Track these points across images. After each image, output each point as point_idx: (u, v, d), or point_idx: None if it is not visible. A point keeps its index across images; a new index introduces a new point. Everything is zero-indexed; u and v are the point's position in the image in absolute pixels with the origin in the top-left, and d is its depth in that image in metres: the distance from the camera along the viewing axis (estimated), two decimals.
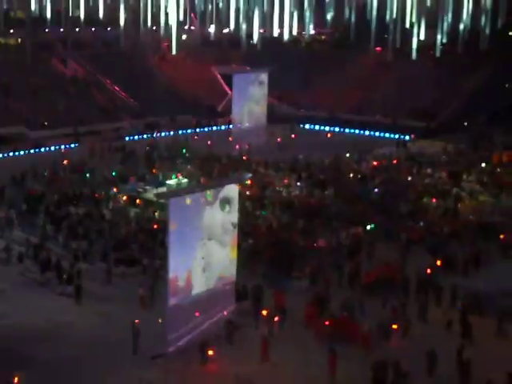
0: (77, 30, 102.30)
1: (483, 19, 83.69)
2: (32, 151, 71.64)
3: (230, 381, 32.13)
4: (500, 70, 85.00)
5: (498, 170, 65.35)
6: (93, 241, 47.20)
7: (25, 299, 40.04)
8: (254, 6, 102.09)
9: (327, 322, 36.14)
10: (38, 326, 36.85)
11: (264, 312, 37.07)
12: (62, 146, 73.04)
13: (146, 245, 46.19)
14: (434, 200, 56.45)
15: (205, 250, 35.23)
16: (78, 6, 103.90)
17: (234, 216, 36.35)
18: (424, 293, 40.09)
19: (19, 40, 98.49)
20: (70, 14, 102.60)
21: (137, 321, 34.65)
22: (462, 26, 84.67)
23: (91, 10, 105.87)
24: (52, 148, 72.88)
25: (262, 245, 46.08)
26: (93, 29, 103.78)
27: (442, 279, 41.61)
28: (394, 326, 36.18)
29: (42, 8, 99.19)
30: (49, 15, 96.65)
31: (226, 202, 35.50)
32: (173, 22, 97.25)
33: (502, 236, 48.50)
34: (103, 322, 37.47)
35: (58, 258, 43.66)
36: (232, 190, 36.33)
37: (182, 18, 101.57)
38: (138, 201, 54.89)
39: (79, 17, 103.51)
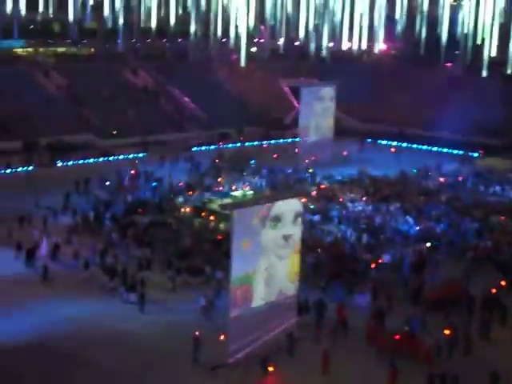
0: (148, 40, 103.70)
1: None
2: (101, 159, 72.40)
3: None
4: None
5: None
6: (157, 249, 47.79)
7: (91, 305, 40.62)
8: (324, 18, 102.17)
9: (390, 337, 36.07)
10: (102, 332, 37.35)
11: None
12: (131, 155, 73.99)
13: (209, 255, 46.56)
14: (502, 218, 55.63)
15: (267, 262, 35.32)
16: (149, 18, 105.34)
17: (288, 229, 36.27)
18: (488, 312, 39.66)
19: (92, 50, 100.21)
20: (142, 25, 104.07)
21: (197, 332, 34.93)
22: None
23: (162, 21, 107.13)
24: (120, 157, 73.69)
25: (325, 259, 46.04)
26: (164, 40, 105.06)
27: (508, 298, 41.14)
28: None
29: (114, 19, 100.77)
30: (121, 26, 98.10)
31: (276, 220, 35.49)
32: (242, 34, 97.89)
33: None
34: (165, 331, 37.79)
35: (123, 266, 44.26)
36: (287, 204, 36.27)
37: (251, 30, 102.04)
38: (202, 211, 55.16)
39: (150, 28, 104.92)
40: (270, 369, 33.40)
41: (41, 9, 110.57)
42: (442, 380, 32.53)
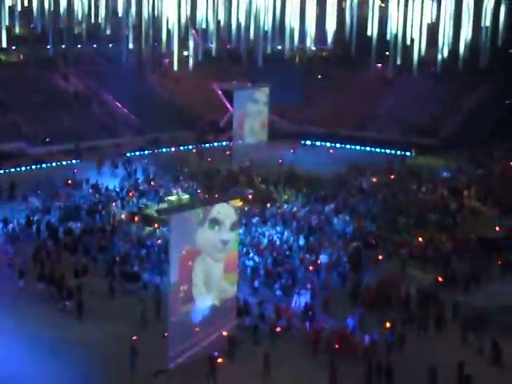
0: (78, 46, 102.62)
1: (483, 36, 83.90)
2: (33, 167, 71.49)
3: None
4: (500, 86, 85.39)
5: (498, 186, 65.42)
6: (94, 256, 47.48)
7: (27, 314, 40.11)
8: (255, 21, 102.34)
9: (328, 337, 36.44)
10: (38, 342, 36.95)
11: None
12: (64, 162, 73.27)
13: (146, 260, 46.41)
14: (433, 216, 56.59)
15: (203, 266, 35.29)
16: (79, 23, 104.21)
17: (224, 234, 36.35)
18: (425, 308, 40.27)
19: (21, 56, 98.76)
20: (72, 31, 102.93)
21: (134, 337, 34.81)
22: (462, 43, 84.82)
23: (93, 26, 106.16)
24: (53, 164, 72.88)
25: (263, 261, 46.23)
26: (94, 45, 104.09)
27: (444, 295, 41.78)
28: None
29: (43, 25, 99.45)
30: (50, 32, 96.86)
31: (214, 222, 35.52)
32: (174, 38, 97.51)
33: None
34: (103, 338, 37.52)
35: (60, 273, 43.76)
36: (225, 210, 36.35)
37: (183, 34, 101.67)
38: (137, 217, 54.98)
39: (81, 33, 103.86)
40: (219, 360, 33.81)
41: None
42: (378, 373, 33.18)
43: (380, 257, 47.91)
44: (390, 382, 33.10)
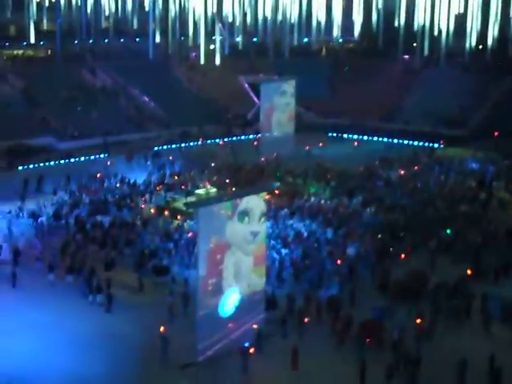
0: (105, 41, 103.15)
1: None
2: (62, 162, 72.04)
3: None
4: None
5: None
6: (122, 250, 47.80)
7: (57, 308, 40.43)
8: (282, 14, 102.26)
9: (356, 327, 36.45)
10: (66, 335, 37.23)
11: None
12: (92, 157, 73.74)
13: (175, 254, 46.60)
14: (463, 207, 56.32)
15: (233, 259, 35.36)
16: (106, 18, 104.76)
17: (254, 226, 36.43)
18: (454, 301, 40.12)
19: (49, 52, 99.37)
20: (99, 25, 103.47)
21: (162, 329, 35.04)
22: (490, 34, 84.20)
23: (120, 21, 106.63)
24: (82, 158, 73.37)
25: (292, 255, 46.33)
26: (121, 39, 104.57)
27: (473, 288, 41.53)
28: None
29: (71, 20, 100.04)
30: (78, 27, 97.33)
31: (244, 214, 35.52)
32: (201, 32, 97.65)
33: None
34: (133, 330, 37.70)
35: (90, 267, 44.09)
36: (253, 201, 36.42)
37: (209, 27, 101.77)
38: (166, 211, 55.15)
39: (108, 28, 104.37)
40: (251, 351, 33.95)
41: None
42: (406, 363, 33.09)
43: (408, 249, 47.70)
44: (418, 372, 32.98)
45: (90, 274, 42.84)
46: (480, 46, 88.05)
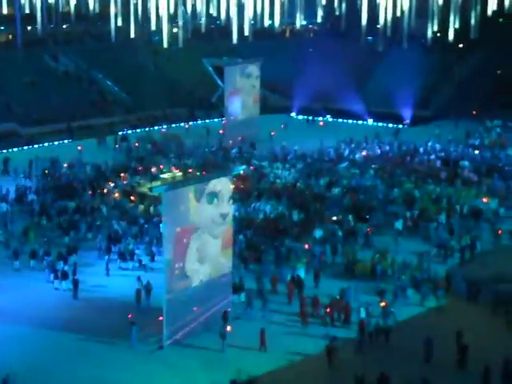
0: (67, 25, 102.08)
1: (473, 8, 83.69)
2: (26, 147, 71.44)
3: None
4: (491, 56, 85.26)
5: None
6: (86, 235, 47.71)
7: (23, 294, 40.27)
8: None
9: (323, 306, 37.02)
10: (35, 322, 37.06)
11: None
12: (56, 142, 73.24)
13: (141, 239, 46.56)
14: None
15: (199, 242, 35.32)
16: (67, 2, 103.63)
17: (223, 208, 36.42)
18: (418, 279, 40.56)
19: (9, 36, 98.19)
20: (60, 10, 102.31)
21: (130, 315, 35.13)
22: (452, 15, 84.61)
23: (81, 5, 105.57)
24: (46, 144, 72.80)
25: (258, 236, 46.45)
26: (83, 24, 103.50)
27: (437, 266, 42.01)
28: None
29: (31, 4, 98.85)
30: (39, 11, 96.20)
31: (213, 195, 35.50)
32: (164, 15, 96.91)
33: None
34: (100, 315, 37.63)
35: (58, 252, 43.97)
36: (221, 183, 36.38)
37: (172, 11, 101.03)
38: (131, 195, 55.01)
39: (69, 12, 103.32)
40: (228, 328, 34.43)
41: None
42: (377, 333, 34.63)
43: (371, 229, 47.99)
44: (389, 341, 34.10)
45: (55, 260, 42.67)
46: (442, 27, 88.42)
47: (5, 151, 69.89)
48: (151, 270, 41.98)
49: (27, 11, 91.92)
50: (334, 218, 49.37)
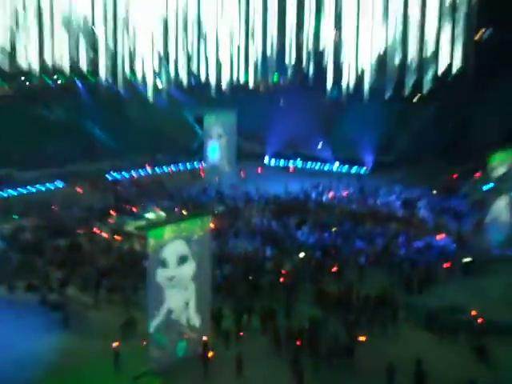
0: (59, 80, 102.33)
1: (426, 68, 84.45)
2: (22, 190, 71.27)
3: None
4: (443, 110, 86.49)
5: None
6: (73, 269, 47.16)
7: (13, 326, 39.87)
8: (223, 54, 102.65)
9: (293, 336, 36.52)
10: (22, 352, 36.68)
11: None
12: (50, 185, 73.23)
13: (127, 275, 46.15)
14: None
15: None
16: (61, 58, 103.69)
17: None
18: (382, 310, 40.45)
19: (7, 88, 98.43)
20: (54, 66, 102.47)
21: (115, 344, 35.07)
22: (408, 73, 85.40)
23: (74, 61, 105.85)
24: (41, 188, 72.56)
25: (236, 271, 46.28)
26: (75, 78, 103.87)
27: (399, 298, 41.99)
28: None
29: (27, 60, 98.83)
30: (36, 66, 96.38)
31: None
32: (148, 71, 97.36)
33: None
34: (88, 345, 37.37)
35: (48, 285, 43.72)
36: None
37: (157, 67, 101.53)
38: (119, 234, 54.79)
39: (61, 68, 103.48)
40: (210, 354, 34.45)
41: None
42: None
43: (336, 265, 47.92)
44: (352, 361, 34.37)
45: (47, 292, 42.52)
46: (399, 82, 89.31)
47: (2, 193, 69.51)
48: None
49: (25, 67, 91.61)
50: (302, 255, 49.25)
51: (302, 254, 49.35)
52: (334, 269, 47.05)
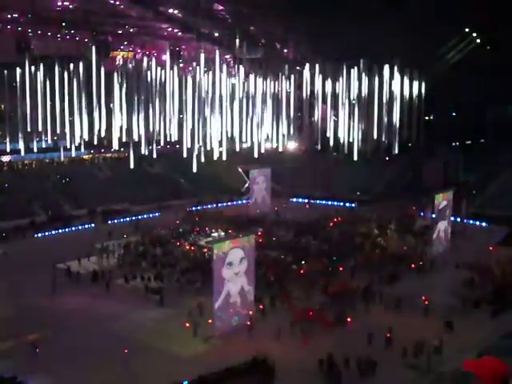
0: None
1: (394, 137, 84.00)
2: (133, 218, 71.06)
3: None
4: (405, 166, 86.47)
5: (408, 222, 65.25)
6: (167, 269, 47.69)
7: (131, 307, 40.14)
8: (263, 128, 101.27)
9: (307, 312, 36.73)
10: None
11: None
12: (151, 215, 73.34)
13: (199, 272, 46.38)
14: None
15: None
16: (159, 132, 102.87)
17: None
18: (366, 297, 40.45)
19: (126, 154, 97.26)
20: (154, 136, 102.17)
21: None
22: (382, 141, 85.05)
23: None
24: (145, 216, 72.64)
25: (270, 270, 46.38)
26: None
27: (377, 288, 41.95)
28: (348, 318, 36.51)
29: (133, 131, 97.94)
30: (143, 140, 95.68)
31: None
32: (215, 139, 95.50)
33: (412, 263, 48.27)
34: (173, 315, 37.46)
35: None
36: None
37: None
38: (193, 247, 54.80)
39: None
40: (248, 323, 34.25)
41: None
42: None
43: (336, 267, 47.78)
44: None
45: (148, 282, 43.22)
46: (375, 147, 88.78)
47: (116, 221, 69.50)
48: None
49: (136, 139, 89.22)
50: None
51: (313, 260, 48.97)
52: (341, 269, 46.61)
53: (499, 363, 24.25)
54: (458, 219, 60.84)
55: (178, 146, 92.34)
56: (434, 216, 53.10)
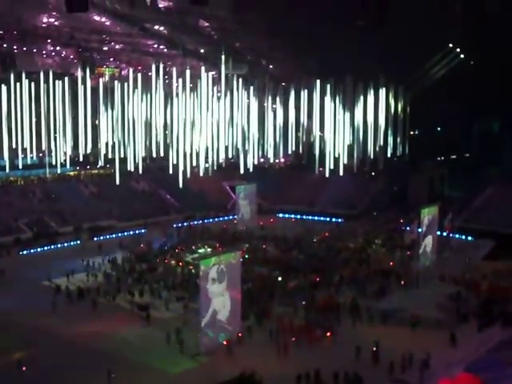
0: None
1: (379, 153, 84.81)
2: (119, 235, 71.35)
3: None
4: (390, 179, 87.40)
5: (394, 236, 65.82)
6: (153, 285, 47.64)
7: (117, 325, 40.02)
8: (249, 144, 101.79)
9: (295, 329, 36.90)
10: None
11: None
12: (137, 231, 72.82)
13: (186, 288, 46.57)
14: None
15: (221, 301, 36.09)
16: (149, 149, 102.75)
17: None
18: (354, 311, 40.73)
19: (112, 171, 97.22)
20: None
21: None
22: (367, 157, 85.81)
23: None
24: (131, 232, 72.60)
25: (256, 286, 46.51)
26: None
27: (363, 303, 42.23)
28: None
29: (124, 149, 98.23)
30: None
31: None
32: (201, 154, 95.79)
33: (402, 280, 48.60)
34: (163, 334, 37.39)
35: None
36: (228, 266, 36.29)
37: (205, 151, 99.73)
38: (180, 262, 54.88)
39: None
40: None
41: None
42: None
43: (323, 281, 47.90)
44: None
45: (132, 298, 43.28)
46: (361, 162, 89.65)
47: (102, 238, 68.88)
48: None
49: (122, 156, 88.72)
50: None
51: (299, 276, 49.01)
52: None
53: (474, 380, 24.29)
54: (444, 233, 61.64)
55: (163, 162, 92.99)
56: (420, 230, 53.63)
